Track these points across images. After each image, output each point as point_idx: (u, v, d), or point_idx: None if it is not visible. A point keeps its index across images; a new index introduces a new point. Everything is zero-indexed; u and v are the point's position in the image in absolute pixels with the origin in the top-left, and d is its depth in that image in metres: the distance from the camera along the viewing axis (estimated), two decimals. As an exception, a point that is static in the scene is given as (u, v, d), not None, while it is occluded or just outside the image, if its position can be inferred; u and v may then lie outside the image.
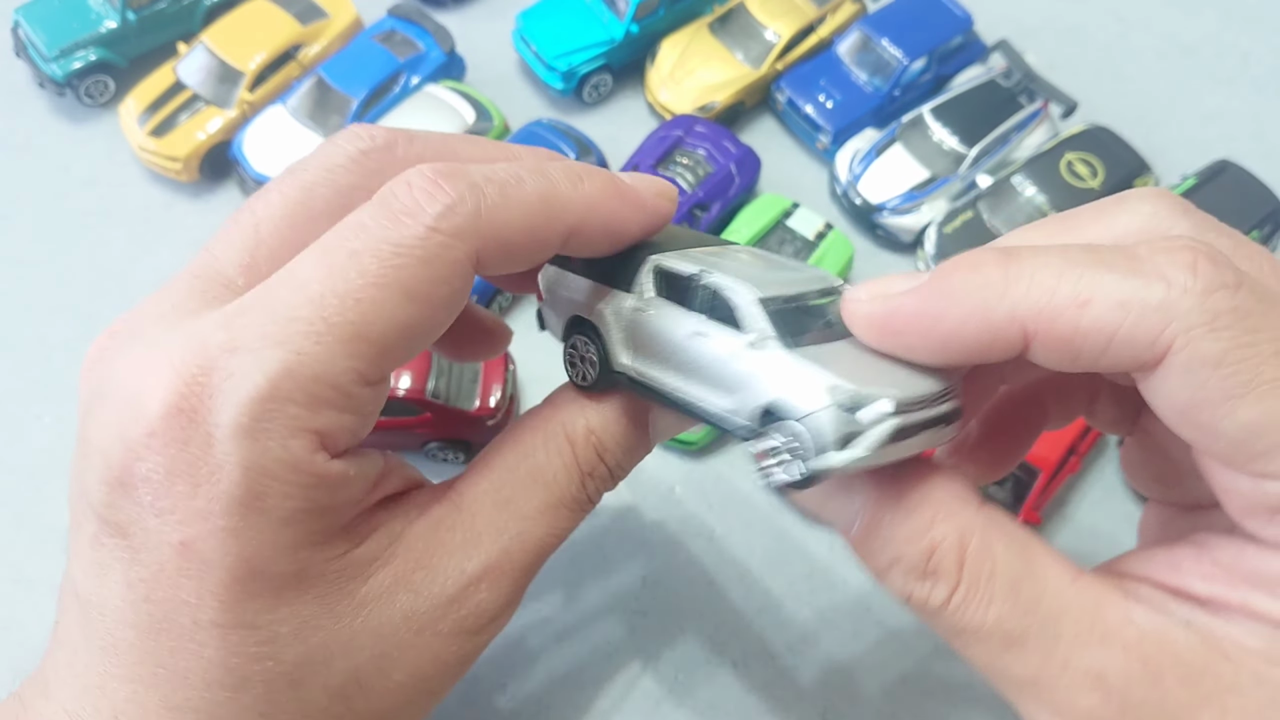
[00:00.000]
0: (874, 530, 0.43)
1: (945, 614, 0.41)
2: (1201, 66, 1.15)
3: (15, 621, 0.76)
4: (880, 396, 0.39)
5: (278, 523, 0.40)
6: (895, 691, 0.75)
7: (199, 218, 1.00)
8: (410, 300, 0.40)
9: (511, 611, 0.49)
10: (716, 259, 0.46)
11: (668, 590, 0.78)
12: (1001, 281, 0.39)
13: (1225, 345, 0.36)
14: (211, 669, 0.40)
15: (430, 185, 0.40)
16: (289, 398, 0.39)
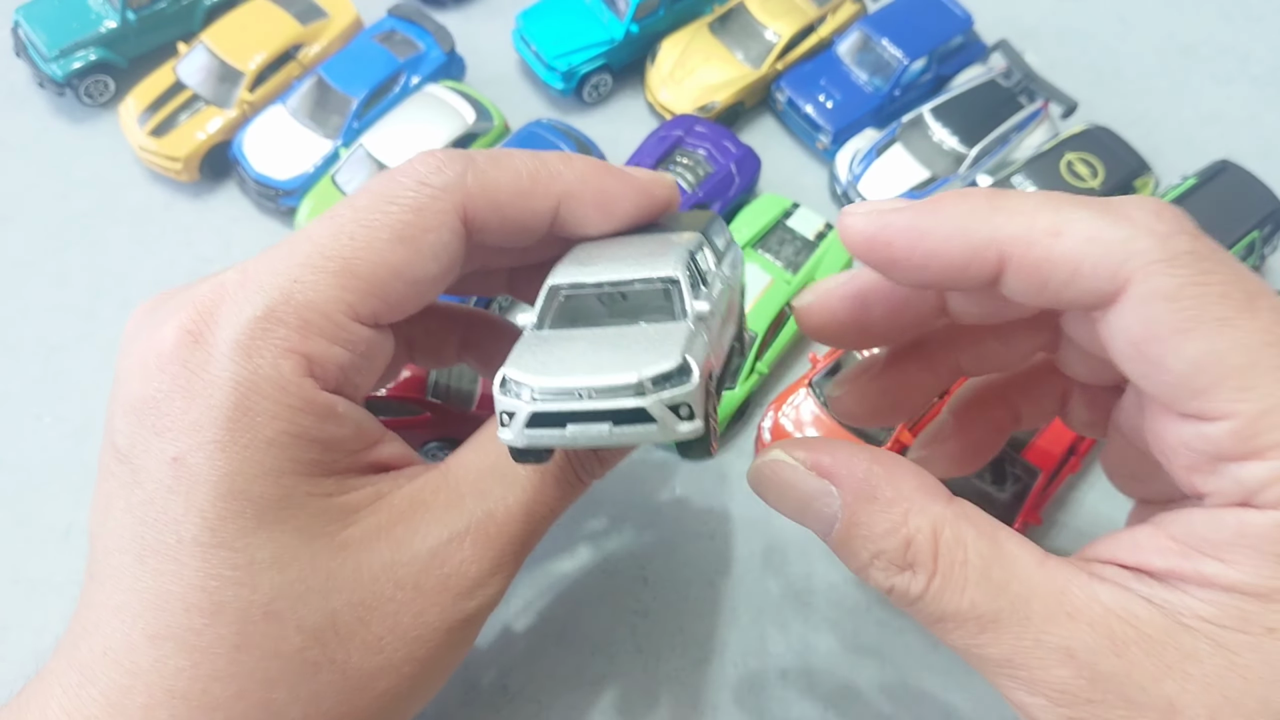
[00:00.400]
0: (853, 528, 0.45)
1: (924, 602, 0.43)
2: (1201, 66, 1.15)
3: (15, 621, 0.76)
4: (526, 384, 0.40)
5: (263, 442, 0.42)
6: (895, 691, 0.75)
7: (199, 218, 1.00)
8: (399, 242, 0.44)
9: (499, 582, 0.49)
10: (589, 255, 0.47)
11: (668, 590, 0.78)
12: (987, 209, 0.42)
13: (1180, 282, 0.39)
14: (190, 591, 0.41)
15: (429, 157, 0.46)
16: (281, 319, 0.42)
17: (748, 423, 0.88)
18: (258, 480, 0.42)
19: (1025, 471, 0.80)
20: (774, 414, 0.84)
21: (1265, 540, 0.38)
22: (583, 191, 0.48)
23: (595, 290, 0.44)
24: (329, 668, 0.44)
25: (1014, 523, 0.78)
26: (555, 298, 0.45)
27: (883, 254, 0.44)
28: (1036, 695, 0.41)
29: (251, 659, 0.41)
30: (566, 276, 0.45)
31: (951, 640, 0.44)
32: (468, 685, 0.73)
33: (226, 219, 1.00)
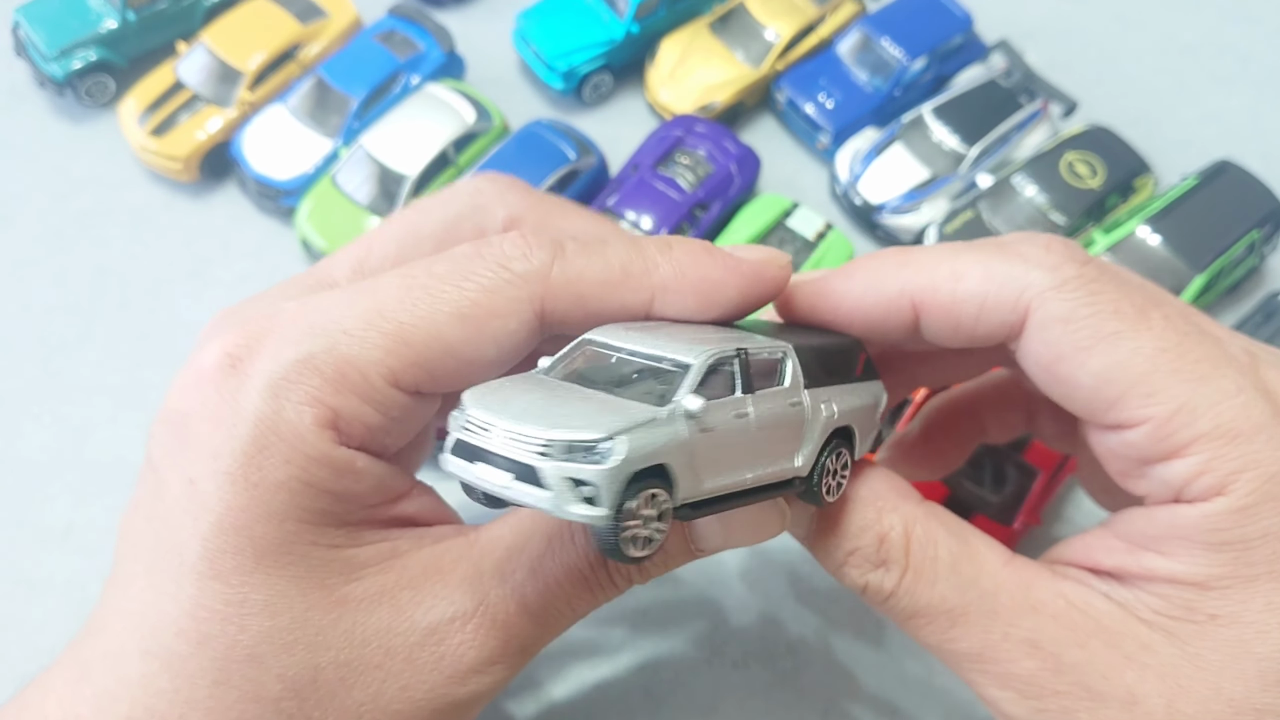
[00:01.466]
0: (830, 528, 0.46)
1: (897, 598, 0.45)
2: (1201, 66, 1.15)
3: (15, 621, 0.76)
4: (464, 411, 0.38)
5: (272, 484, 0.41)
6: (895, 691, 0.75)
7: (199, 217, 1.00)
8: (461, 321, 0.42)
9: (499, 673, 0.45)
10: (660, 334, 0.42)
11: (668, 590, 0.78)
12: (896, 266, 0.46)
13: (1072, 305, 0.42)
14: (182, 617, 0.41)
15: (519, 238, 0.44)
16: (318, 369, 0.41)
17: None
18: (260, 521, 0.41)
19: (1025, 472, 0.80)
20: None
21: (1196, 531, 0.40)
22: (679, 284, 0.44)
23: (618, 353, 0.41)
24: None
25: (1014, 523, 0.78)
26: (580, 349, 0.42)
27: (816, 316, 0.48)
28: (1006, 688, 0.43)
29: (229, 697, 0.41)
30: (604, 334, 0.42)
31: (924, 637, 0.45)
32: (468, 685, 0.73)
33: (226, 219, 1.00)
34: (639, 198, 0.96)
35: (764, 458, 0.41)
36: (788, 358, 0.42)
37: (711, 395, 0.38)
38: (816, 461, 0.44)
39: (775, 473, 0.42)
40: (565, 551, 0.45)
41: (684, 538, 0.47)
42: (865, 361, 0.48)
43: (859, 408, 0.46)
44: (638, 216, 0.95)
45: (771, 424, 0.41)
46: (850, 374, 0.47)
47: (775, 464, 0.42)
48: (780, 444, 0.42)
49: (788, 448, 0.43)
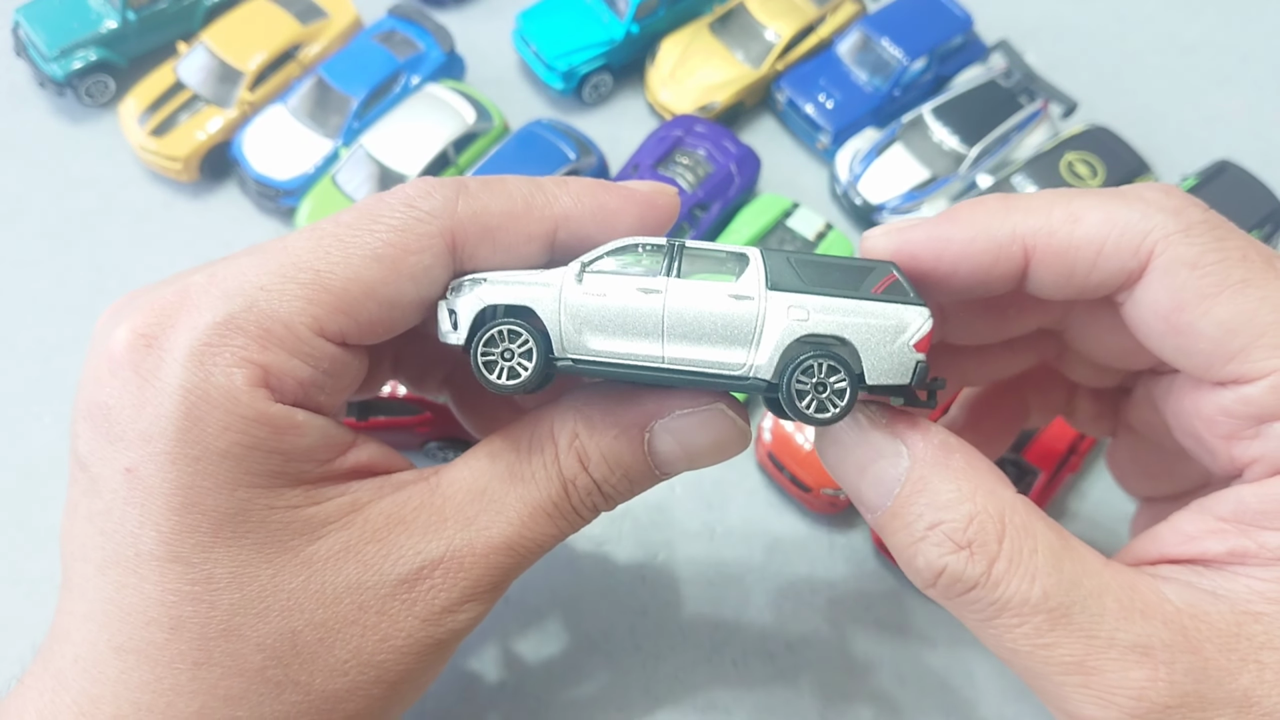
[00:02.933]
0: (916, 494, 0.41)
1: (982, 590, 0.40)
2: (1201, 66, 1.15)
3: (15, 621, 0.76)
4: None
5: (215, 454, 0.40)
6: (895, 691, 0.75)
7: (199, 217, 1.00)
8: (376, 261, 0.42)
9: (474, 611, 0.46)
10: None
11: (668, 590, 0.78)
12: (1003, 209, 0.44)
13: (1199, 249, 0.40)
14: (150, 605, 0.40)
15: (421, 181, 0.45)
16: (240, 327, 0.40)
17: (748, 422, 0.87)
18: (211, 494, 0.40)
19: (1025, 471, 0.80)
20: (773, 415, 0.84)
21: None
22: (580, 213, 0.45)
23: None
24: (292, 688, 0.42)
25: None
26: (631, 250, 0.44)
27: (909, 268, 0.44)
28: (1109, 706, 0.38)
29: (213, 676, 0.41)
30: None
31: (1011, 640, 0.40)
32: (467, 683, 0.73)
33: (226, 219, 1.00)
34: (639, 198, 0.95)
35: (693, 343, 0.43)
36: (751, 259, 0.43)
37: (626, 269, 0.43)
38: (787, 371, 0.43)
39: (714, 363, 0.43)
40: (527, 489, 0.45)
41: (644, 457, 0.46)
42: (893, 284, 0.44)
43: (861, 324, 0.43)
44: (638, 216, 0.95)
45: (700, 307, 0.43)
46: (857, 289, 0.44)
47: (711, 352, 0.43)
48: (721, 334, 0.43)
49: (733, 340, 0.43)
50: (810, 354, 0.42)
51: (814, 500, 0.81)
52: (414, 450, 0.85)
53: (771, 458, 0.82)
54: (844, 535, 0.82)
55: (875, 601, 0.79)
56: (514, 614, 0.76)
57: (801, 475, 0.80)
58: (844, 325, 0.43)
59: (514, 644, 0.75)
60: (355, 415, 0.81)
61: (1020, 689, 0.75)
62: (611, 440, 0.45)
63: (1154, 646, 0.38)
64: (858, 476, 0.44)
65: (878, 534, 0.44)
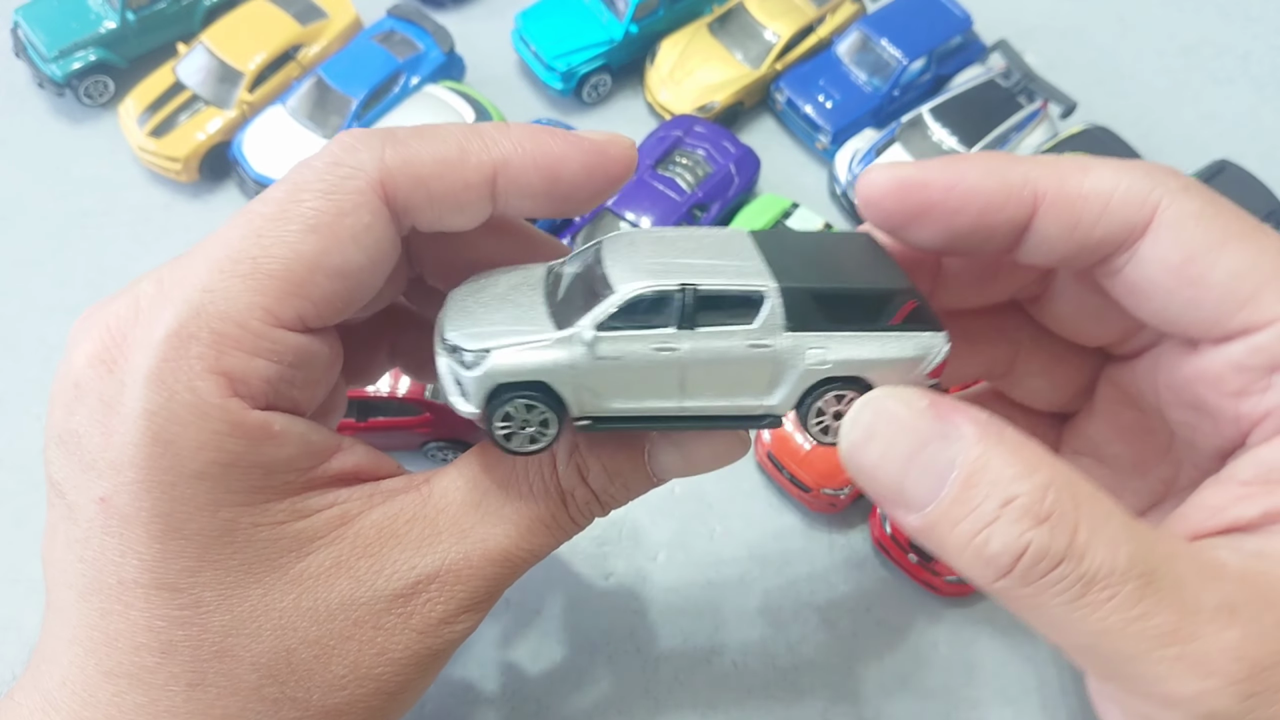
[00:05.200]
0: (978, 474, 0.38)
1: (1069, 563, 0.36)
2: (1201, 66, 1.15)
3: (15, 622, 0.76)
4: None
5: (190, 476, 0.38)
6: (895, 691, 0.75)
7: (199, 218, 1.00)
8: (312, 232, 0.39)
9: (471, 620, 0.45)
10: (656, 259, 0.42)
11: (668, 590, 0.78)
12: (1014, 158, 0.43)
13: (1200, 204, 0.41)
14: (138, 632, 0.39)
15: (345, 135, 0.42)
16: (193, 336, 0.38)
17: (747, 423, 0.87)
18: (193, 518, 0.38)
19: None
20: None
21: None
22: (521, 158, 0.42)
23: (600, 265, 0.42)
24: (290, 705, 0.41)
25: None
26: (590, 251, 0.43)
27: (917, 198, 0.43)
28: (1210, 675, 0.36)
29: (208, 696, 0.40)
30: (612, 243, 0.42)
31: (1101, 616, 0.36)
32: (467, 685, 0.73)
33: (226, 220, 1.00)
34: (638, 198, 0.96)
35: (712, 392, 0.42)
36: (767, 299, 0.40)
37: (637, 324, 0.40)
38: (802, 401, 0.42)
39: (731, 407, 0.42)
40: (524, 502, 0.44)
41: (644, 466, 0.45)
42: (913, 311, 0.42)
43: (880, 359, 0.42)
44: (636, 217, 0.95)
45: (719, 361, 0.41)
46: (876, 321, 0.42)
47: (732, 399, 0.42)
48: (738, 382, 0.42)
49: (751, 386, 0.42)
50: (825, 391, 0.42)
51: (814, 500, 0.81)
52: (414, 450, 0.85)
53: (771, 458, 0.82)
54: (844, 535, 0.82)
55: (875, 601, 0.79)
56: (513, 616, 0.76)
57: (801, 475, 0.80)
58: (864, 366, 0.42)
59: (513, 646, 0.75)
60: (355, 415, 0.81)
61: (1020, 689, 0.75)
62: (611, 452, 0.44)
63: (1237, 606, 0.36)
64: (901, 472, 0.39)
65: (922, 538, 0.40)
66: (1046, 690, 0.75)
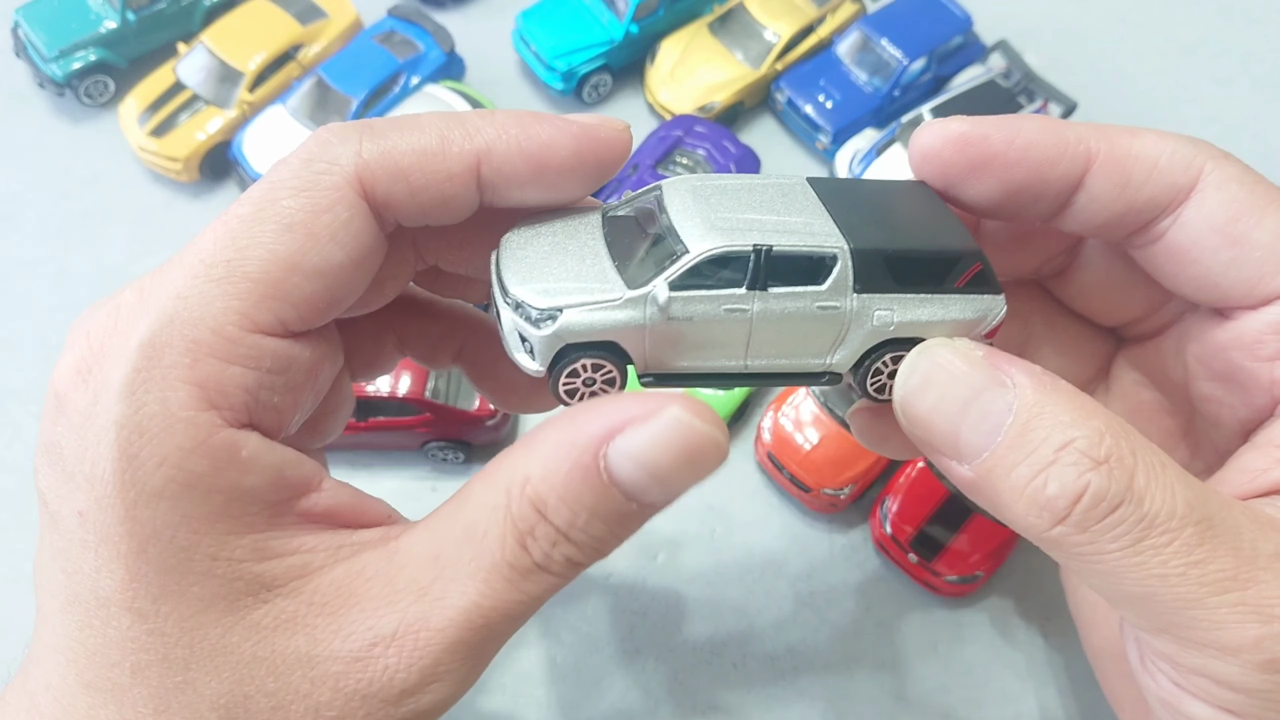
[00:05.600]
0: (1036, 418, 0.38)
1: (1130, 505, 0.36)
2: (1201, 66, 1.15)
3: (15, 622, 0.76)
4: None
5: (151, 495, 0.36)
6: (895, 691, 0.75)
7: (199, 218, 1.00)
8: (288, 231, 0.38)
9: (441, 690, 0.40)
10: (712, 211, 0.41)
11: (668, 590, 0.78)
12: (1064, 121, 0.44)
13: (1242, 169, 0.43)
14: (111, 649, 0.38)
15: (321, 131, 0.40)
16: (166, 344, 0.37)
17: (748, 422, 0.88)
18: (153, 540, 0.37)
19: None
20: (774, 414, 0.84)
21: None
22: (505, 146, 0.40)
23: (663, 213, 0.41)
24: None
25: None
26: (650, 193, 0.42)
27: (978, 149, 0.44)
28: (1271, 621, 0.35)
29: None
30: (672, 187, 0.42)
31: (1160, 560, 0.36)
32: (467, 685, 0.73)
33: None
34: (639, 198, 0.96)
35: (776, 350, 0.42)
36: (839, 259, 0.40)
37: (707, 285, 0.39)
38: (860, 362, 0.43)
39: (794, 365, 0.42)
40: (478, 549, 0.39)
41: (612, 494, 0.39)
42: (977, 274, 0.43)
43: (942, 321, 0.42)
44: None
45: (786, 322, 0.41)
46: (941, 284, 0.42)
47: (794, 358, 0.42)
48: (804, 341, 0.42)
49: (815, 346, 0.42)
50: (884, 351, 0.42)
51: (814, 500, 0.81)
52: (414, 450, 0.85)
53: (771, 458, 0.82)
54: (844, 535, 0.82)
55: (875, 602, 0.79)
56: (514, 614, 0.76)
57: (801, 475, 0.80)
58: (927, 327, 0.42)
59: (514, 646, 0.75)
60: (355, 415, 0.81)
61: (1020, 689, 0.75)
62: (564, 476, 0.38)
63: None
64: (958, 419, 0.39)
65: (973, 489, 0.40)
66: (1046, 690, 0.75)
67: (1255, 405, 0.44)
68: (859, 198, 0.44)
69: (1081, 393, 0.39)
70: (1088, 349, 0.54)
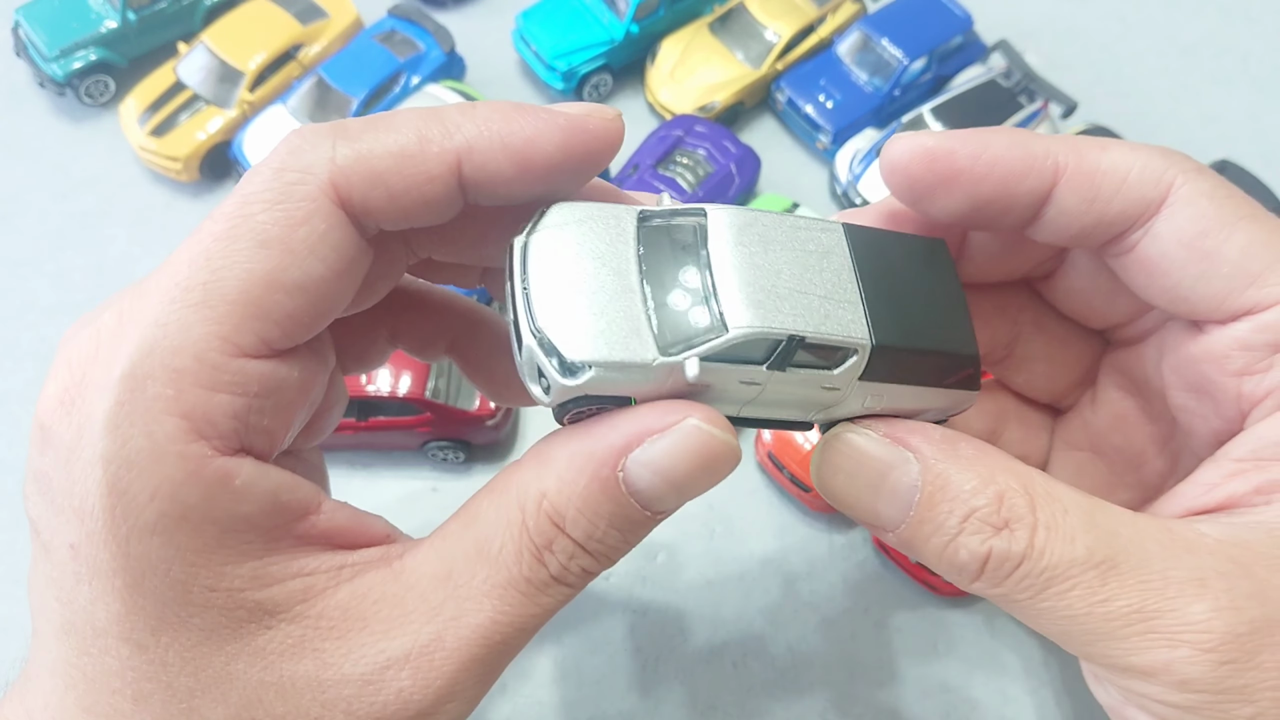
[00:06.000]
0: (938, 492, 0.40)
1: (1030, 562, 0.39)
2: (1201, 66, 1.15)
3: (15, 622, 0.76)
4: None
5: (143, 530, 0.36)
6: (894, 690, 0.75)
7: (199, 218, 0.99)
8: (263, 247, 0.36)
9: (455, 710, 0.40)
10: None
11: (668, 590, 0.78)
12: (1033, 134, 0.44)
13: (1212, 184, 0.43)
14: (112, 678, 0.37)
15: (291, 136, 0.39)
16: (148, 375, 0.35)
17: (748, 423, 0.88)
18: (148, 576, 0.36)
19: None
20: (774, 414, 0.84)
21: None
22: (488, 143, 0.38)
23: (703, 251, 0.40)
24: None
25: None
26: (692, 215, 0.41)
27: (945, 164, 0.44)
28: (1178, 644, 0.37)
29: None
30: (720, 219, 0.40)
31: (1067, 605, 0.39)
32: (468, 685, 0.73)
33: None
34: (639, 198, 0.96)
35: (769, 410, 0.42)
36: (858, 354, 0.40)
37: (735, 360, 0.39)
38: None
39: (778, 418, 0.43)
40: (493, 568, 0.39)
41: (629, 504, 0.40)
42: (967, 376, 0.44)
43: (915, 410, 0.44)
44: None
45: (788, 395, 0.41)
46: (939, 382, 0.43)
47: (782, 415, 0.43)
48: (795, 407, 0.42)
49: (803, 411, 0.43)
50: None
51: (814, 500, 0.81)
52: (414, 450, 0.85)
53: (771, 458, 0.82)
54: (844, 535, 0.82)
55: (875, 602, 0.79)
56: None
57: (801, 475, 0.80)
58: (900, 409, 0.43)
59: (514, 644, 0.75)
60: (355, 415, 0.81)
61: (1020, 689, 0.75)
62: (582, 490, 0.38)
63: (1208, 577, 0.38)
64: (872, 498, 0.42)
65: (903, 549, 0.43)
66: (1046, 690, 0.75)
67: (1225, 417, 0.44)
68: (888, 266, 0.44)
69: (986, 450, 0.41)
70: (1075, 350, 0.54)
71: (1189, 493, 0.43)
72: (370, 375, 0.81)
